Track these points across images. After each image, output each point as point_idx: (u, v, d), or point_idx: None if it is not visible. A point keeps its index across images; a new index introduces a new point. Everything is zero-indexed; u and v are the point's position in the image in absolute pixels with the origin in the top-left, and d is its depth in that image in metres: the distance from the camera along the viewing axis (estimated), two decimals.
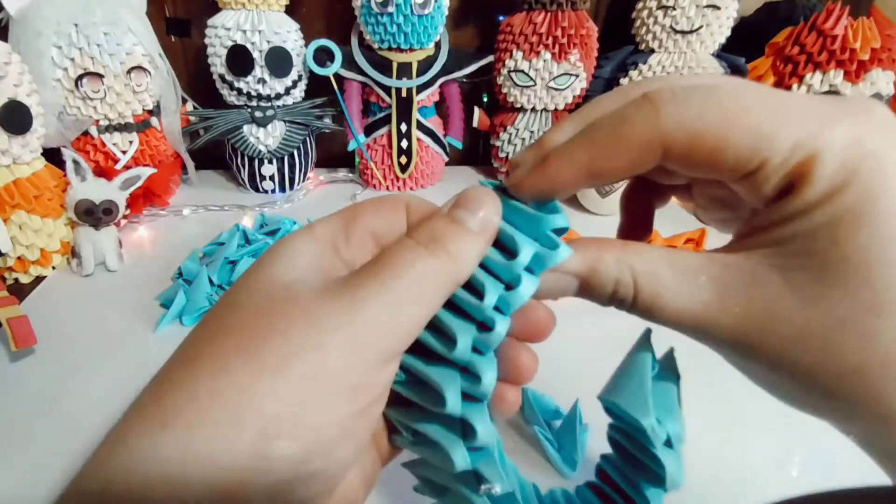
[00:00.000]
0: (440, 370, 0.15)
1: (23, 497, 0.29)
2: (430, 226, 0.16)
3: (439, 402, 0.15)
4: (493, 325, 0.15)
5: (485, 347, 0.15)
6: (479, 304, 0.15)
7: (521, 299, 0.15)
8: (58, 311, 0.45)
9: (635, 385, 0.16)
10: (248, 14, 0.61)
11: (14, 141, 0.47)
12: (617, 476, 0.18)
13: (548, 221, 0.16)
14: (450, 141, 0.74)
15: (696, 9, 0.62)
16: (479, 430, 0.15)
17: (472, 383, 0.15)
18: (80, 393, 0.36)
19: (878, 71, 0.52)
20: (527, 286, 0.15)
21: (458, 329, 0.15)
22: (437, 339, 0.16)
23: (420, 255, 0.15)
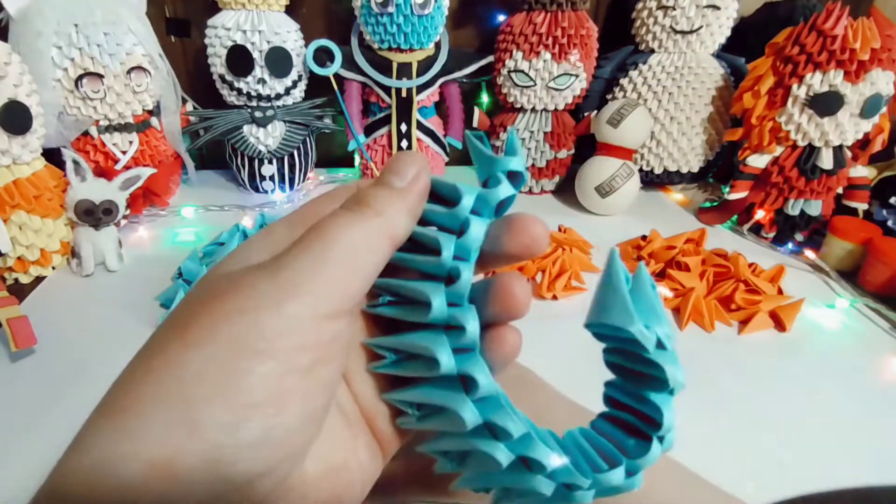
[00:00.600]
0: (424, 335, 0.16)
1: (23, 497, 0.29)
2: (358, 193, 0.16)
3: (433, 365, 0.15)
4: (459, 274, 0.15)
5: (458, 298, 0.16)
6: (437, 259, 0.15)
7: (475, 241, 0.16)
8: (58, 311, 0.45)
9: (614, 299, 0.16)
10: (248, 14, 0.61)
11: (14, 141, 0.47)
12: (623, 396, 0.18)
13: (498, 163, 0.16)
14: (450, 141, 0.74)
15: (696, 9, 0.62)
16: (479, 380, 0.15)
17: (459, 336, 0.15)
18: (80, 393, 0.36)
19: (878, 71, 0.52)
20: (476, 227, 0.16)
21: (427, 289, 0.15)
22: (411, 309, 0.16)
23: (344, 216, 0.15)
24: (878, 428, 0.36)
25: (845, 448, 0.35)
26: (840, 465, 0.33)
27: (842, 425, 0.36)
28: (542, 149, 0.69)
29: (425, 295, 0.15)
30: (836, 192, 0.59)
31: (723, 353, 0.43)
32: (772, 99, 0.57)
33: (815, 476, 0.32)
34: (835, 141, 0.56)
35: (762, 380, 0.40)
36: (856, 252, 0.55)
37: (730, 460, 0.33)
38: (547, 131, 0.69)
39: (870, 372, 0.42)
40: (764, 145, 0.59)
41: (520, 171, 0.17)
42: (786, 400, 0.39)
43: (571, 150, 0.71)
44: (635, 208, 0.66)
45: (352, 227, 0.15)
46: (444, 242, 0.15)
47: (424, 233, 0.16)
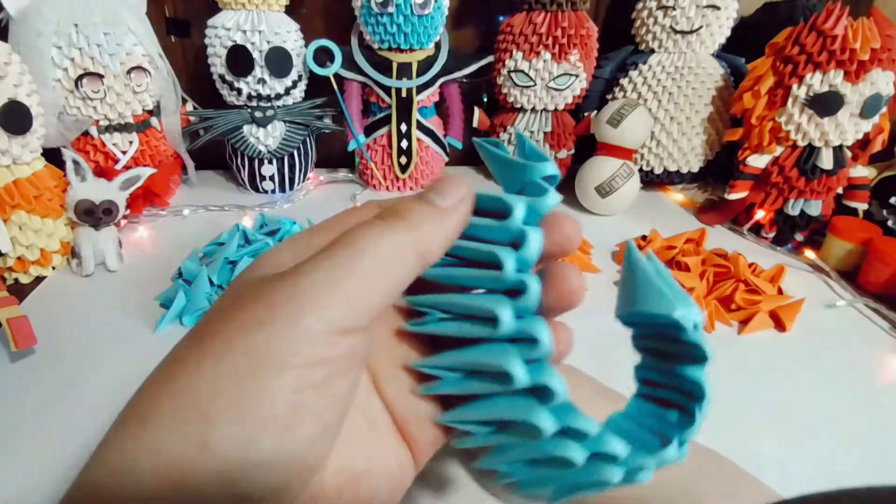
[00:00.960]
0: (489, 350, 0.15)
1: (23, 497, 0.29)
2: (395, 204, 0.16)
3: (505, 380, 0.14)
4: (525, 287, 0.15)
5: (524, 311, 0.15)
6: (498, 273, 0.15)
7: (536, 252, 0.15)
8: (58, 311, 0.45)
9: (648, 288, 0.15)
10: (248, 14, 0.61)
11: (14, 141, 0.47)
12: (657, 375, 0.18)
13: (535, 170, 0.16)
14: (450, 141, 0.74)
15: (696, 9, 0.62)
16: (556, 389, 0.14)
17: (530, 348, 0.15)
18: (80, 393, 0.36)
19: (878, 71, 0.52)
20: (534, 238, 0.15)
21: (493, 304, 0.15)
22: (471, 325, 0.15)
23: (375, 226, 0.15)
24: (879, 428, 0.36)
25: (845, 448, 0.35)
26: (840, 465, 0.33)
27: (842, 425, 0.36)
28: (542, 149, 0.69)
29: (491, 310, 0.15)
30: (836, 192, 0.59)
31: (723, 353, 0.43)
32: (772, 99, 0.57)
33: (815, 476, 0.32)
34: (835, 141, 0.56)
35: (762, 380, 0.40)
36: (856, 252, 0.55)
37: None
38: (547, 131, 0.69)
39: (870, 372, 0.42)
40: (764, 145, 0.59)
41: (556, 174, 0.16)
42: (786, 400, 0.39)
43: (571, 150, 0.71)
44: (635, 208, 0.66)
45: (381, 237, 0.14)
46: (503, 256, 0.15)
47: (476, 248, 0.16)
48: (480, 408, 0.16)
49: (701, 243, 0.56)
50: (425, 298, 0.16)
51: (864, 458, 0.34)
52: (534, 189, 0.16)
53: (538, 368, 0.15)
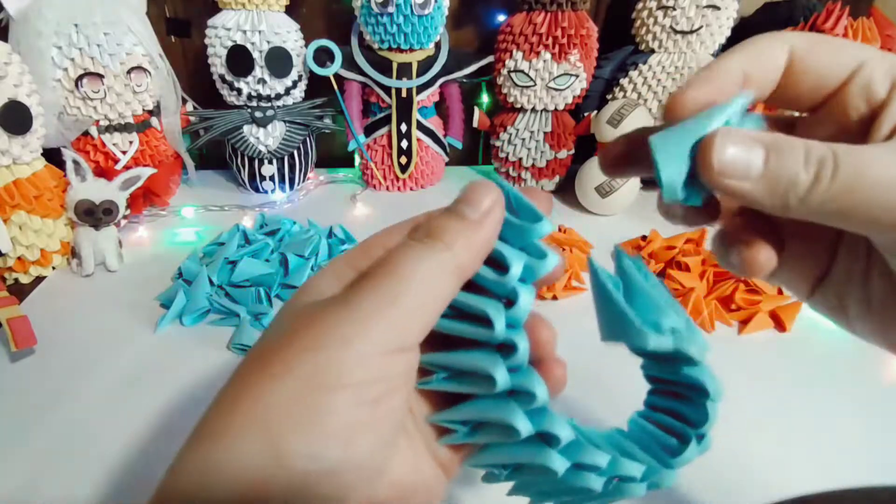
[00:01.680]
0: (493, 405, 0.16)
1: (23, 497, 0.29)
2: (428, 223, 0.16)
3: (488, 383, 0.16)
4: (515, 345, 0.16)
5: (516, 365, 0.16)
6: (489, 331, 0.16)
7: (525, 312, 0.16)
8: (58, 311, 0.45)
9: (615, 317, 0.16)
10: (248, 14, 0.61)
11: (14, 141, 0.47)
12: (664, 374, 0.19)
13: (535, 231, 0.16)
14: (450, 141, 0.74)
15: (696, 9, 0.62)
16: (538, 392, 0.15)
17: (510, 356, 0.16)
18: (80, 393, 0.36)
19: None
20: (525, 298, 0.16)
21: (486, 363, 0.16)
22: (472, 382, 0.16)
23: (415, 251, 0.15)
24: (879, 428, 0.36)
25: (845, 448, 0.35)
26: (840, 465, 0.33)
27: (842, 425, 0.36)
28: (542, 149, 0.69)
29: (486, 370, 0.16)
30: None
31: (723, 353, 0.43)
32: None
33: (815, 476, 0.32)
34: None
35: (762, 380, 0.40)
36: None
37: (730, 460, 0.33)
38: (547, 131, 0.69)
39: (870, 372, 0.42)
40: None
41: (550, 231, 0.17)
42: (786, 400, 0.39)
43: (571, 150, 0.71)
44: (635, 208, 0.66)
45: (421, 261, 0.15)
46: (493, 314, 0.16)
47: (470, 302, 0.16)
48: (465, 408, 0.17)
49: (701, 243, 0.56)
50: (431, 357, 0.17)
51: (864, 458, 0.34)
52: (535, 251, 0.16)
53: (520, 374, 0.16)
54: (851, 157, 0.14)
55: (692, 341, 0.16)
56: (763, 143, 0.14)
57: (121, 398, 0.36)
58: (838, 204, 0.14)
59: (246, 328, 0.42)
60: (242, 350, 0.40)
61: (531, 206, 0.17)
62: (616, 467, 0.16)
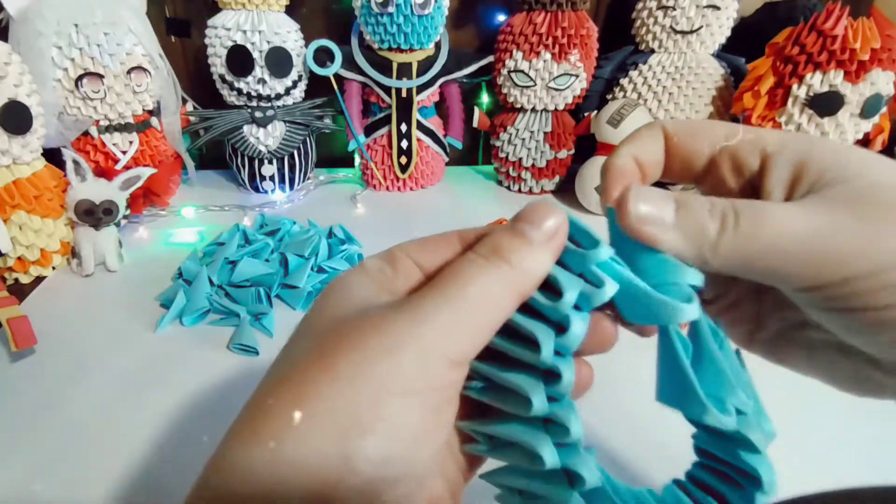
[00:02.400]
0: (519, 375, 0.16)
1: (23, 497, 0.29)
2: (492, 239, 0.16)
3: (524, 405, 0.15)
4: (560, 373, 0.15)
5: (558, 394, 0.16)
6: (535, 355, 0.15)
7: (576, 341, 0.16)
8: (58, 311, 0.45)
9: (681, 384, 0.15)
10: (248, 14, 0.61)
11: (14, 141, 0.47)
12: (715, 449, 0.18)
13: (591, 257, 0.16)
14: (450, 141, 0.74)
15: (696, 9, 0.62)
16: (572, 428, 0.15)
17: (553, 383, 0.15)
18: (80, 393, 0.36)
19: (878, 71, 0.52)
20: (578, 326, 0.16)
21: (527, 385, 0.15)
22: (508, 399, 0.16)
23: (480, 267, 0.16)
24: (879, 428, 0.36)
25: (845, 448, 0.35)
26: (840, 465, 0.33)
27: (842, 425, 0.36)
28: (542, 149, 0.69)
29: (525, 392, 0.15)
30: None
31: None
32: (772, 99, 0.57)
33: (815, 476, 0.32)
34: None
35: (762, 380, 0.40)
36: None
37: None
38: (547, 131, 0.69)
39: None
40: None
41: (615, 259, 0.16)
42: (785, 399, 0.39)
43: (571, 150, 0.71)
44: None
45: (486, 277, 0.16)
46: (542, 339, 0.15)
47: (522, 324, 0.16)
48: (495, 422, 0.17)
49: None
50: (476, 366, 0.17)
51: (863, 458, 0.34)
52: (593, 278, 0.16)
53: (559, 404, 0.16)
54: (750, 209, 0.16)
55: (758, 427, 0.16)
56: (672, 197, 0.17)
57: (121, 398, 0.36)
58: (745, 253, 0.15)
59: (246, 328, 0.42)
60: (243, 350, 0.40)
61: (588, 231, 0.16)
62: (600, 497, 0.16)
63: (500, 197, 0.73)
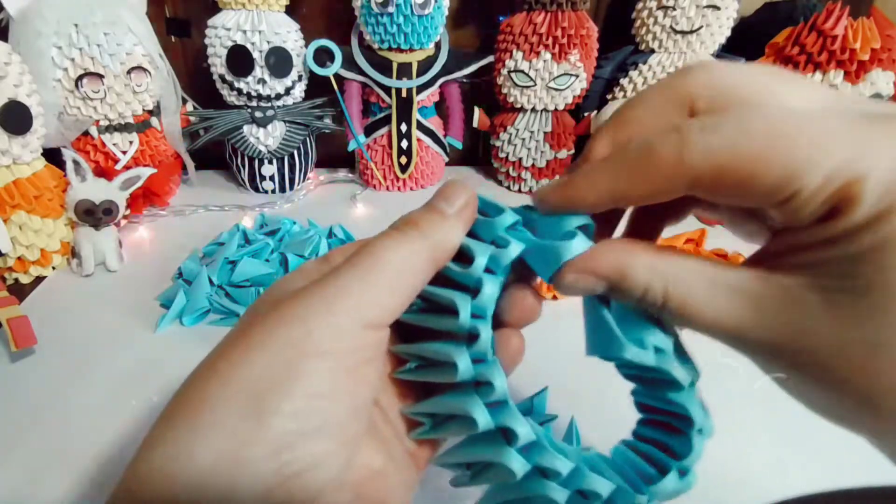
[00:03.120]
0: (456, 397, 0.17)
1: (23, 497, 0.29)
2: (407, 216, 0.18)
3: (451, 371, 0.16)
4: (478, 333, 0.16)
5: (481, 354, 0.16)
6: (455, 319, 0.16)
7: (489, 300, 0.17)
8: (58, 311, 0.45)
9: (599, 328, 0.17)
10: (248, 14, 0.61)
11: (14, 141, 0.47)
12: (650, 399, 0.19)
13: (496, 224, 0.17)
14: (450, 141, 0.74)
15: (696, 9, 0.62)
16: (496, 383, 0.16)
17: (488, 392, 0.16)
18: (80, 393, 0.36)
19: (878, 71, 0.52)
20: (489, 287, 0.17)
21: (451, 352, 0.16)
22: (440, 371, 0.17)
23: (393, 238, 0.17)
24: None
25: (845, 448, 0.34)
26: (840, 465, 0.33)
27: None
28: (542, 149, 0.69)
29: (450, 357, 0.16)
30: None
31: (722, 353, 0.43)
32: None
33: (815, 476, 0.32)
34: None
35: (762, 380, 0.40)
36: None
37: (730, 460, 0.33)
38: (547, 131, 0.69)
39: None
40: None
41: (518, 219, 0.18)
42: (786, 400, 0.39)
43: (571, 150, 0.71)
44: None
45: (399, 246, 0.17)
46: (460, 303, 0.16)
47: (439, 293, 0.17)
48: (432, 401, 0.18)
49: (701, 243, 0.56)
50: (404, 347, 0.18)
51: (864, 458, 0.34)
52: (501, 242, 0.17)
53: (484, 366, 0.16)
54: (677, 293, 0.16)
55: (680, 364, 0.16)
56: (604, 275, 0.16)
57: (121, 398, 0.36)
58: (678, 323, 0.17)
59: None
60: None
61: (496, 203, 0.18)
62: (581, 480, 0.16)
63: (500, 197, 0.73)
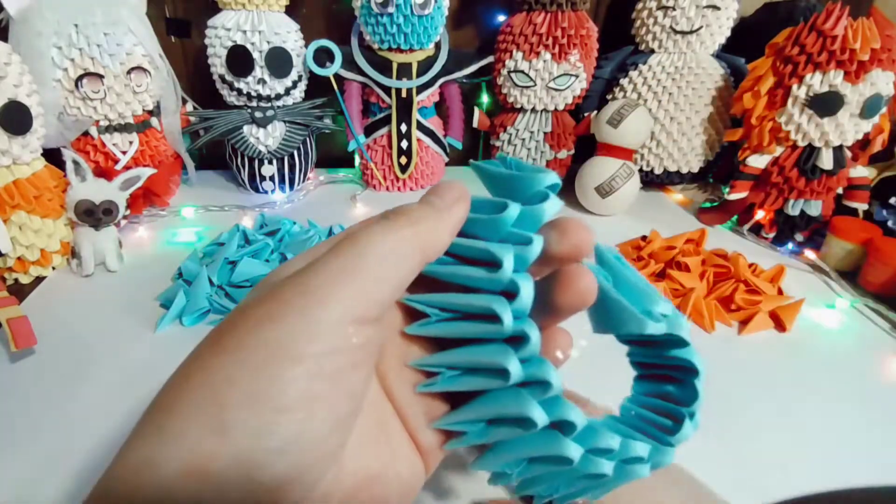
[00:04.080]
0: (486, 349, 0.16)
1: (23, 497, 0.29)
2: (396, 207, 0.17)
3: (500, 376, 0.15)
4: (518, 290, 0.16)
5: (519, 313, 0.16)
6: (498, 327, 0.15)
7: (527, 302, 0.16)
8: (58, 312, 0.45)
9: (614, 308, 0.17)
10: (248, 14, 0.61)
11: (14, 141, 0.47)
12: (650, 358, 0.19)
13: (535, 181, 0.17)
14: (450, 141, 0.74)
15: (696, 9, 0.62)
16: (552, 381, 0.15)
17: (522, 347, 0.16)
18: (80, 393, 0.36)
19: (878, 71, 0.52)
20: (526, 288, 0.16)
21: (493, 303, 0.15)
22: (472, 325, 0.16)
23: (378, 224, 0.16)
24: (879, 428, 0.36)
25: (845, 448, 0.35)
26: (840, 465, 0.33)
27: (842, 425, 0.36)
28: (542, 149, 0.69)
29: (498, 363, 0.15)
30: (836, 192, 0.59)
31: (723, 353, 0.43)
32: (772, 99, 0.57)
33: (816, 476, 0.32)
34: (835, 141, 0.56)
35: (762, 380, 0.40)
36: (856, 252, 0.55)
37: (730, 460, 0.33)
38: (547, 131, 0.69)
39: (870, 372, 0.42)
40: (764, 145, 0.59)
41: (557, 182, 0.17)
42: (786, 400, 0.39)
43: (571, 150, 0.71)
44: (635, 208, 0.66)
45: (385, 234, 0.15)
46: (500, 309, 0.15)
47: (473, 302, 0.16)
48: (508, 450, 0.17)
49: (701, 243, 0.56)
50: (437, 358, 0.17)
51: (864, 458, 0.34)
52: (516, 238, 0.16)
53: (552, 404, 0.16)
54: None
55: (682, 324, 0.17)
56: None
57: (121, 398, 0.36)
58: None
59: None
60: None
61: (493, 201, 0.17)
62: (625, 450, 0.17)
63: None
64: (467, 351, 0.17)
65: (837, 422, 0.37)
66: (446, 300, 0.17)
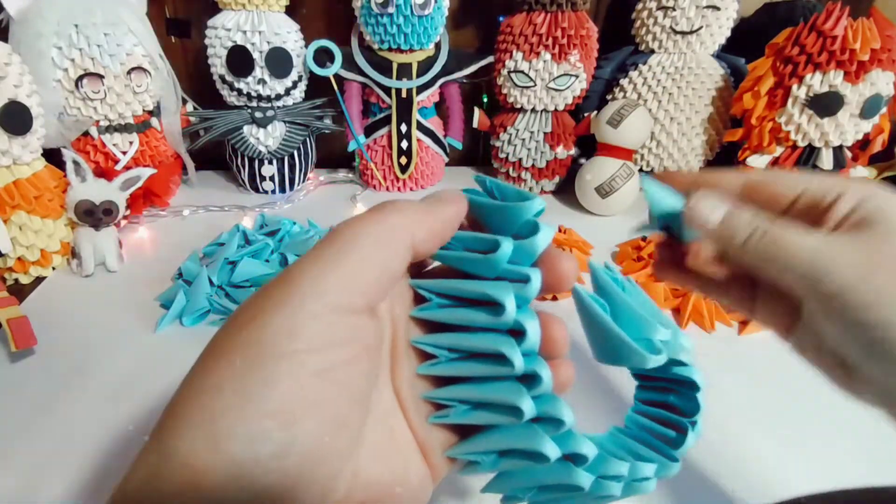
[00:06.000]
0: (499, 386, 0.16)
1: (23, 497, 0.29)
2: (386, 201, 0.16)
3: (514, 413, 0.16)
4: (540, 380, 0.16)
5: (530, 351, 0.16)
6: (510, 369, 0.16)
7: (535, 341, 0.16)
8: (58, 312, 0.45)
9: (613, 342, 0.17)
10: (248, 15, 0.61)
11: (14, 141, 0.47)
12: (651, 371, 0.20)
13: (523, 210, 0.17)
14: (450, 141, 0.74)
15: (696, 9, 0.62)
16: (565, 419, 0.16)
17: (534, 385, 0.16)
18: (80, 393, 0.36)
19: (878, 71, 0.52)
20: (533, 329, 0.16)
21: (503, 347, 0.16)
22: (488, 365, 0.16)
23: (368, 213, 0.16)
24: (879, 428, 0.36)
25: (845, 448, 0.35)
26: (840, 465, 0.33)
27: (842, 425, 0.36)
28: (542, 149, 0.69)
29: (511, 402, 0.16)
30: None
31: (723, 353, 0.43)
32: (772, 99, 0.57)
33: (816, 476, 0.32)
34: (835, 141, 0.56)
35: (762, 380, 0.40)
36: None
37: (730, 460, 0.33)
38: (547, 131, 0.69)
39: None
40: (764, 146, 0.59)
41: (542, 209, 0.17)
42: (786, 400, 0.39)
43: (571, 151, 0.71)
44: (635, 209, 0.66)
45: (373, 222, 0.15)
46: (509, 352, 0.15)
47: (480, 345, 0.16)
48: (520, 478, 0.18)
49: None
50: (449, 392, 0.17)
51: (864, 458, 0.34)
52: (515, 275, 0.16)
53: (565, 437, 0.16)
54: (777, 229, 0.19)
55: (681, 347, 0.18)
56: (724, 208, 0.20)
57: (121, 398, 0.36)
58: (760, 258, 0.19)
59: None
60: None
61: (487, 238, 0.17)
62: (634, 472, 0.17)
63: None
64: (480, 388, 0.17)
65: (837, 421, 0.37)
66: (455, 341, 0.17)
